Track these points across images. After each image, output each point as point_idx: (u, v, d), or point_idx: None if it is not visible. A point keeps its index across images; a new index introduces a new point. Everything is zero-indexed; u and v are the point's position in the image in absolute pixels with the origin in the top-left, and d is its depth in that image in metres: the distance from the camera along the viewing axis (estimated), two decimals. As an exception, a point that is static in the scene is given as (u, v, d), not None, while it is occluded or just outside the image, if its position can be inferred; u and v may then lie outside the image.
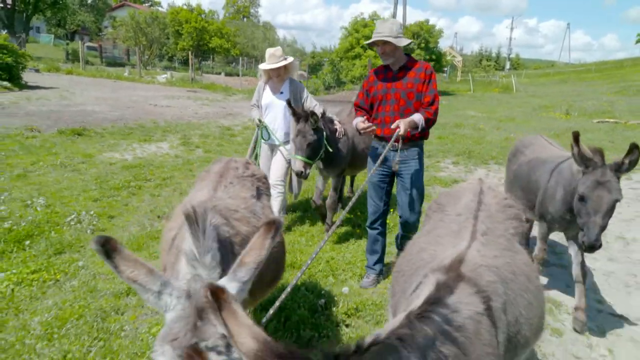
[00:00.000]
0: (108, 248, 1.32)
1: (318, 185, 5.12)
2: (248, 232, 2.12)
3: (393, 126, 3.35)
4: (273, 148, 4.83)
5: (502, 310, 1.56)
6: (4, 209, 5.00)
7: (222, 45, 37.68)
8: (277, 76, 4.59)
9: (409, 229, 3.77)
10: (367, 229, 4.04)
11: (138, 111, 14.21)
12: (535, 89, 35.85)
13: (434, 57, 28.07)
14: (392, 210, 4.84)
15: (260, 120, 4.70)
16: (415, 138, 3.61)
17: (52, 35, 46.32)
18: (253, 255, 1.45)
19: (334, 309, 3.28)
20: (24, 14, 37.74)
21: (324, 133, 4.42)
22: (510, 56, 76.58)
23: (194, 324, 1.29)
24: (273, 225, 1.47)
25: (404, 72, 3.57)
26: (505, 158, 9.00)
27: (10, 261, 3.92)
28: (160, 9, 58.96)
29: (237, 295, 1.39)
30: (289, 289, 1.88)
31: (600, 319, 3.63)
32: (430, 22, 29.26)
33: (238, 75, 32.23)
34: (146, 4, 64.27)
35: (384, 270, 4.04)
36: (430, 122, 3.53)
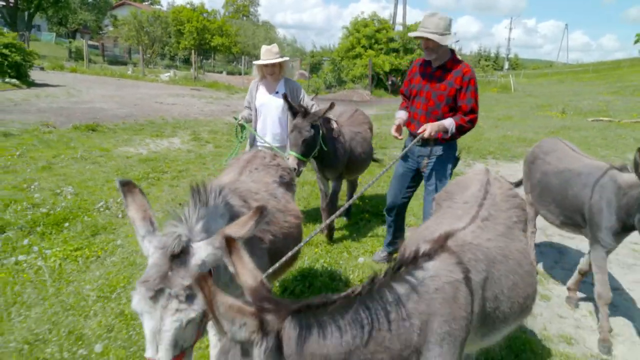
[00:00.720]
0: (126, 189, 1.66)
1: (321, 187, 5.02)
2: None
3: (419, 130, 3.34)
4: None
5: (480, 285, 1.73)
6: (37, 196, 5.39)
7: (224, 44, 38.03)
8: (272, 74, 4.37)
9: None
10: (385, 212, 4.19)
11: (145, 108, 14.58)
12: (533, 88, 36.29)
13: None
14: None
15: (236, 118, 4.49)
16: (444, 140, 3.55)
17: (54, 34, 46.54)
18: (233, 229, 1.60)
19: (350, 276, 3.71)
20: (27, 13, 38.02)
21: (320, 131, 4.24)
22: (509, 56, 77.14)
23: (165, 273, 1.51)
24: (259, 211, 1.64)
25: (441, 72, 3.46)
26: (502, 154, 9.56)
27: (52, 241, 4.31)
28: (160, 7, 59.23)
29: (207, 258, 1.59)
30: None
31: (584, 288, 4.06)
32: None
33: (240, 74, 32.63)
34: (146, 3, 64.52)
35: (397, 249, 4.09)
36: (464, 129, 3.45)
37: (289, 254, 2.16)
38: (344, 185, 5.73)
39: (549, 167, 3.82)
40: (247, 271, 1.36)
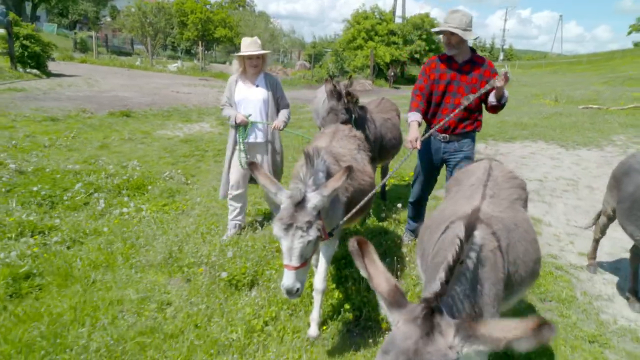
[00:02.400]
0: (253, 167, 2.55)
1: None
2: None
3: (490, 84, 3.37)
4: (251, 149, 4.39)
5: (506, 250, 1.97)
6: (110, 168, 6.36)
7: (227, 35, 38.77)
8: (255, 66, 4.25)
9: None
10: (409, 203, 4.41)
11: (164, 97, 15.47)
12: (527, 79, 37.35)
13: (433, 46, 29.53)
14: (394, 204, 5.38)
15: (238, 119, 4.21)
16: (469, 130, 3.70)
17: (55, 25, 46.86)
18: (332, 182, 2.48)
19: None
20: (31, 4, 38.45)
21: (353, 116, 4.32)
22: (504, 47, 77.96)
23: (292, 213, 2.37)
24: (347, 170, 2.48)
25: (470, 67, 3.53)
26: (500, 136, 10.59)
27: (140, 200, 5.31)
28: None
29: (317, 203, 2.41)
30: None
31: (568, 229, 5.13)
32: (430, 16, 30.66)
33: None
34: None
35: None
36: (503, 106, 3.55)
37: (362, 202, 3.01)
38: (378, 171, 5.84)
39: None
40: (380, 274, 1.41)
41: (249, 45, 4.17)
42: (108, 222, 4.59)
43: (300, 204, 2.39)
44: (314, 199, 2.43)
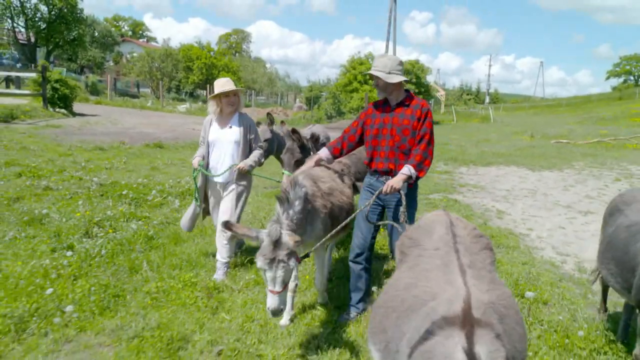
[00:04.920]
0: (227, 227, 2.76)
1: None
2: (329, 188, 3.56)
3: (385, 189, 3.39)
4: (223, 187, 4.48)
5: (511, 356, 1.61)
6: (170, 181, 8.04)
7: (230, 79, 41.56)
8: (232, 104, 4.32)
9: None
10: (350, 263, 3.81)
11: (184, 133, 17.28)
12: (510, 119, 40.17)
13: (422, 90, 32.20)
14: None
15: (200, 164, 4.42)
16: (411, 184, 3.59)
17: (64, 69, 49.48)
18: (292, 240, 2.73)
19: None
20: (45, 49, 41.06)
21: (310, 153, 4.48)
22: (490, 91, 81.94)
23: (273, 249, 2.69)
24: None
25: (401, 109, 3.57)
26: (480, 162, 12.64)
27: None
28: (155, 44, 63.10)
29: (289, 240, 2.71)
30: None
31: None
32: (419, 62, 33.62)
33: (248, 106, 35.94)
34: (142, 40, 68.44)
35: (367, 307, 3.78)
36: (423, 165, 3.48)
37: (343, 223, 3.33)
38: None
39: (623, 219, 3.11)
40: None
41: (224, 85, 4.28)
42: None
43: (277, 241, 2.73)
44: (286, 237, 2.76)
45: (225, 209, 4.37)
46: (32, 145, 11.18)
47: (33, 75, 20.88)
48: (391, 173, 3.57)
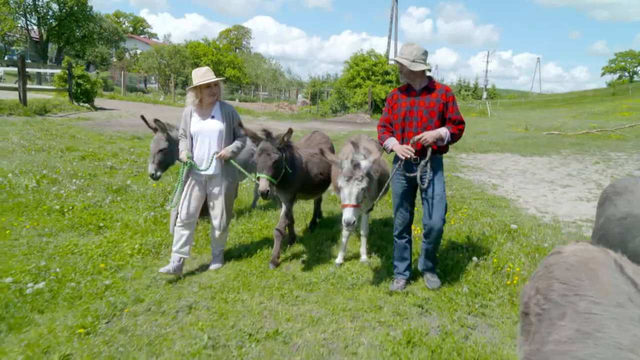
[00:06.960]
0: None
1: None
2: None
3: (415, 139, 3.68)
4: (208, 180, 4.29)
5: None
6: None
7: (235, 75, 42.89)
8: (213, 95, 4.20)
9: (432, 238, 3.95)
10: (395, 239, 4.14)
11: (203, 125, 18.59)
12: (506, 114, 41.64)
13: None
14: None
15: (189, 156, 4.13)
16: (434, 151, 3.78)
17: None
18: (372, 157, 3.80)
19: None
20: (57, 46, 42.26)
21: (283, 154, 4.30)
22: (487, 87, 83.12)
23: (352, 170, 3.64)
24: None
25: (426, 93, 3.79)
26: (478, 149, 14.06)
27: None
28: (156, 40, 64.28)
29: (367, 165, 3.72)
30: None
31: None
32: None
33: (246, 102, 37.18)
34: (143, 36, 69.52)
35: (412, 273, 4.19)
36: (455, 136, 3.80)
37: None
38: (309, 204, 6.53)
39: (614, 210, 2.99)
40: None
41: (204, 75, 4.13)
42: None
43: (356, 165, 3.60)
44: (364, 163, 3.70)
45: (216, 214, 4.34)
46: (77, 135, 12.51)
47: (58, 71, 22.18)
48: (418, 154, 3.75)
